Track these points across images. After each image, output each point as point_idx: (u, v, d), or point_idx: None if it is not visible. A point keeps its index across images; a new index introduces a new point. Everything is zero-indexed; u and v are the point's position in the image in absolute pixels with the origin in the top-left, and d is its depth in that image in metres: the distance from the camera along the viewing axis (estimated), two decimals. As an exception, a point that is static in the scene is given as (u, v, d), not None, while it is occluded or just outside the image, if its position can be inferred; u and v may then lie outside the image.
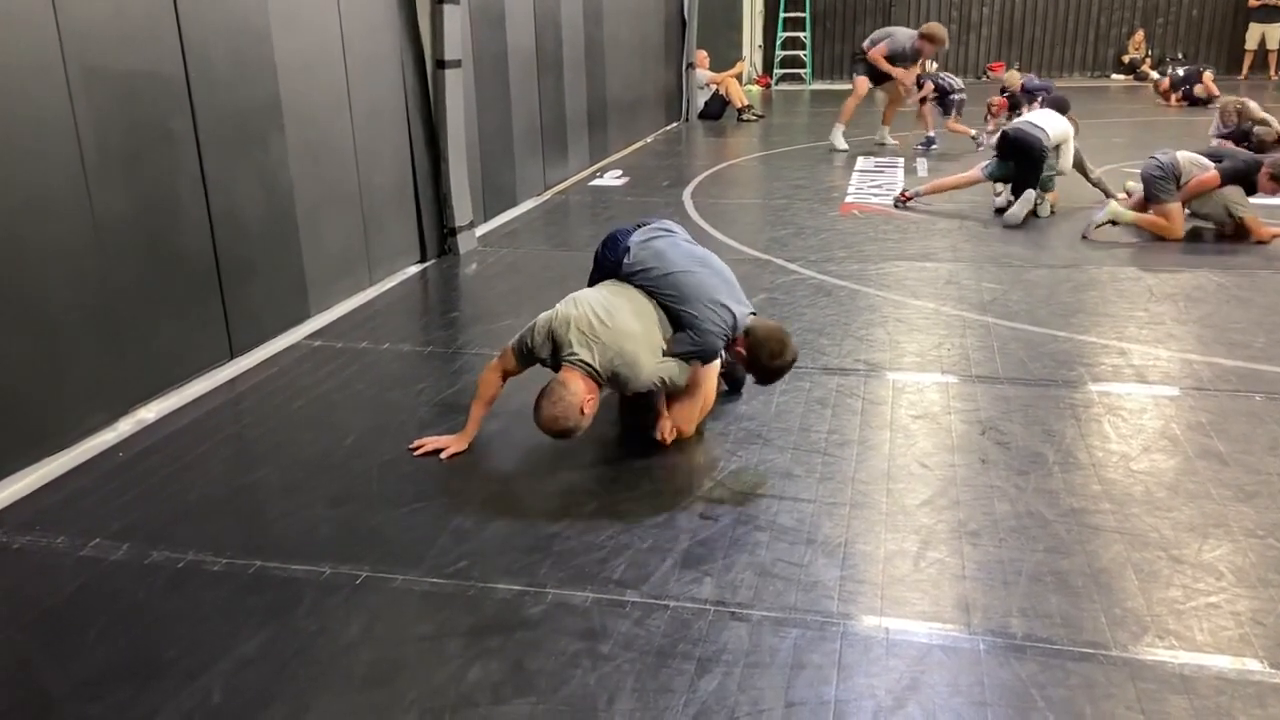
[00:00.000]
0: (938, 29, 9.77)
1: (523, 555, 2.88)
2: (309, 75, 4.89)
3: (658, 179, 8.88)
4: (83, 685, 2.36)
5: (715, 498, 3.21)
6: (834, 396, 3.97)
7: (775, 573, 2.76)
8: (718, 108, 13.22)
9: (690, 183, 8.61)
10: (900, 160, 9.49)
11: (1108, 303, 5.14)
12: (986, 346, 4.47)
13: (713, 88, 13.28)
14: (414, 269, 5.98)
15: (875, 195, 7.93)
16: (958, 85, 10.53)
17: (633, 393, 3.43)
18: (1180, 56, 15.97)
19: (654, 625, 2.54)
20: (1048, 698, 2.26)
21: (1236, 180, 6.21)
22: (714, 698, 2.27)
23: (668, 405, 3.55)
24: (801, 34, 17.79)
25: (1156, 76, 14.72)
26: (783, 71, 17.92)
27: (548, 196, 8.17)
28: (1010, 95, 10.56)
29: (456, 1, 5.95)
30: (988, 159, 7.39)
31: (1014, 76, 11.35)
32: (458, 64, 6.06)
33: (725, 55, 14.86)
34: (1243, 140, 9.41)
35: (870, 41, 9.98)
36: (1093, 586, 2.67)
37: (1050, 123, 7.11)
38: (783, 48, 17.81)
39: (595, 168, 9.43)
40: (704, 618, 2.57)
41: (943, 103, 10.39)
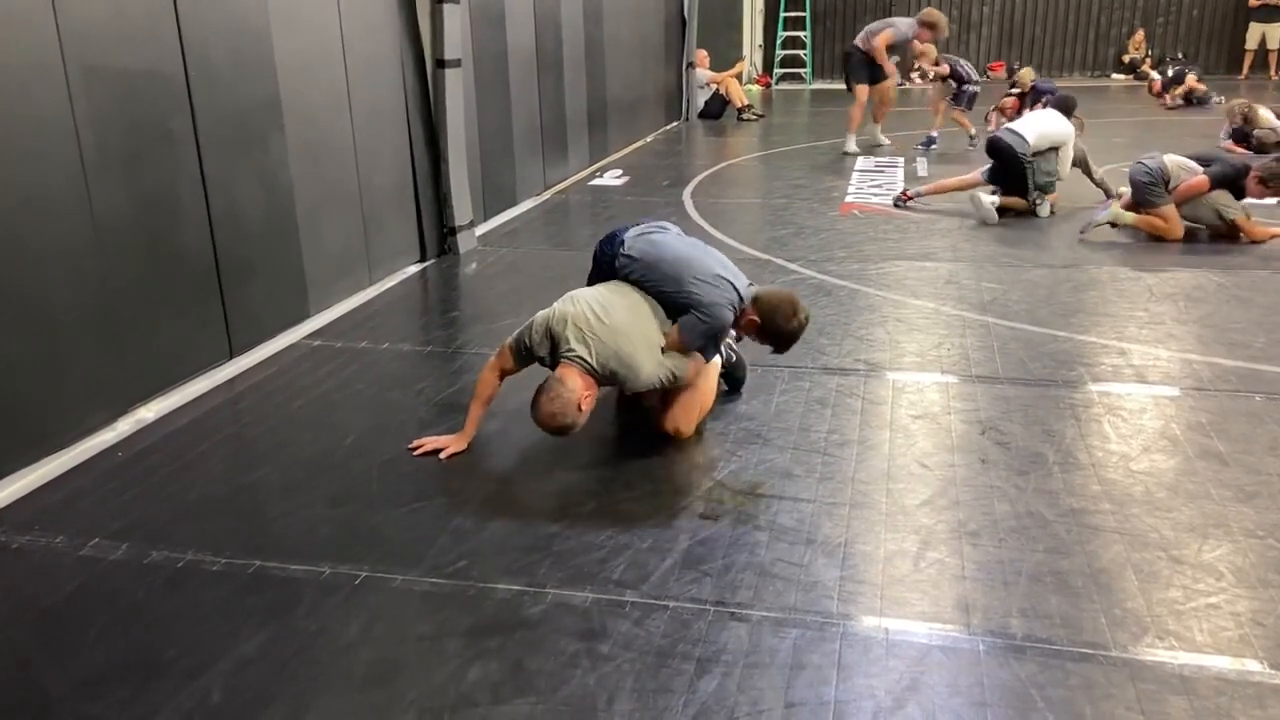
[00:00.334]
0: (939, 16, 9.55)
1: (522, 555, 2.88)
2: (309, 75, 4.89)
3: (658, 178, 8.88)
4: (82, 685, 2.37)
5: (715, 498, 3.21)
6: (834, 396, 3.96)
7: (775, 573, 2.76)
8: (718, 107, 13.22)
9: (690, 182, 8.61)
10: (900, 160, 9.48)
11: (1108, 302, 5.14)
12: (986, 346, 4.47)
13: (713, 87, 13.28)
14: (414, 268, 5.98)
15: (875, 195, 7.92)
16: (975, 76, 10.39)
17: (632, 391, 3.43)
18: (1181, 56, 15.97)
19: (653, 625, 2.54)
20: (1047, 698, 2.26)
21: (1225, 185, 6.21)
22: (713, 698, 2.27)
23: (666, 405, 3.55)
24: (802, 33, 17.79)
25: (1155, 76, 14.71)
26: (783, 71, 17.92)
27: (548, 196, 8.17)
28: (1022, 94, 10.49)
29: (456, 1, 5.95)
30: (988, 160, 7.36)
31: (1028, 75, 11.23)
32: (458, 64, 6.06)
33: (725, 55, 14.86)
34: (1243, 141, 9.44)
35: (867, 34, 9.68)
36: (1093, 587, 2.67)
37: (1036, 127, 7.04)
38: (783, 47, 17.81)
39: (595, 167, 9.43)
40: (704, 618, 2.57)
41: (957, 94, 10.28)
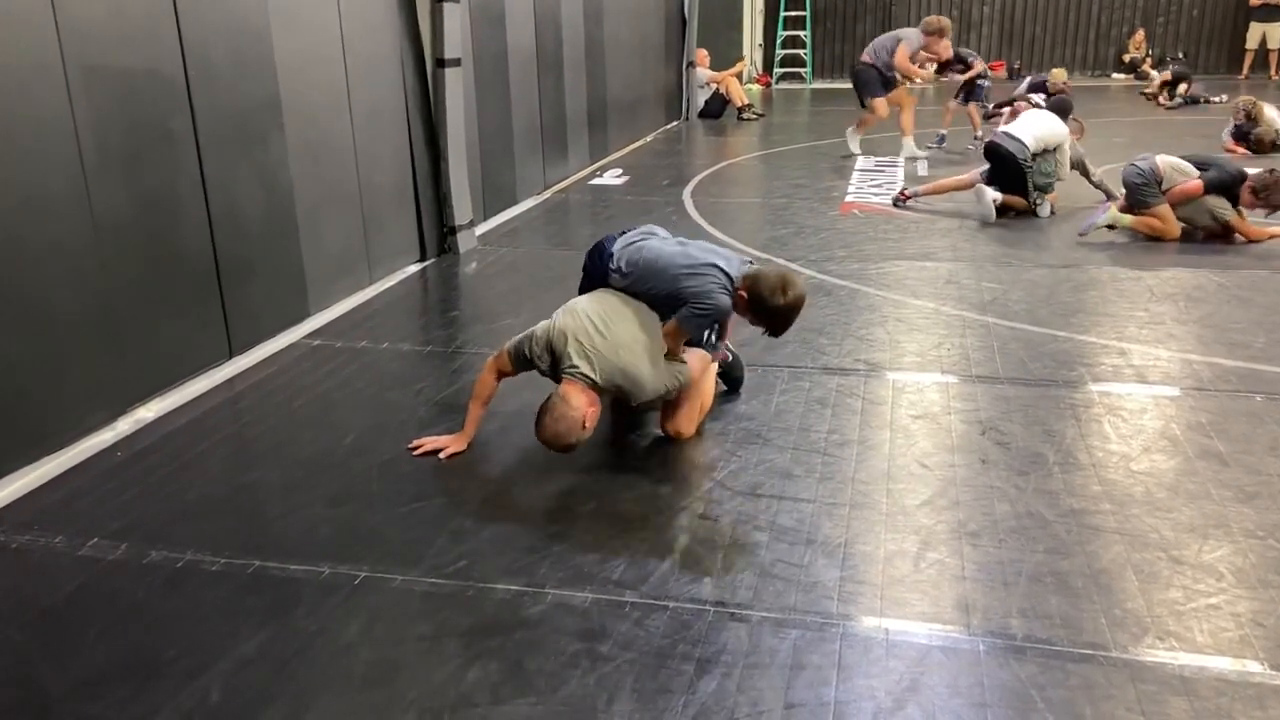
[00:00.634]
0: (945, 22, 9.35)
1: (522, 555, 2.88)
2: (309, 74, 4.89)
3: (658, 178, 8.88)
4: (82, 685, 2.36)
5: (715, 498, 3.21)
6: (834, 396, 3.96)
7: (775, 573, 2.76)
8: (718, 107, 13.22)
9: (690, 182, 8.60)
10: (900, 159, 9.48)
11: (1108, 302, 5.14)
12: (986, 346, 4.47)
13: (713, 87, 13.28)
14: (414, 268, 5.98)
15: (875, 194, 7.92)
16: (979, 66, 10.38)
17: (638, 403, 3.42)
18: (1181, 56, 15.96)
19: (653, 626, 2.54)
20: (1048, 699, 2.25)
21: (1219, 191, 6.20)
22: (713, 698, 2.27)
23: (666, 406, 3.54)
24: (802, 33, 17.79)
25: (1156, 75, 14.69)
26: (783, 70, 17.92)
27: (547, 195, 8.16)
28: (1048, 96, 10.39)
29: (456, 0, 5.94)
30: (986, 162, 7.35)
31: (1059, 75, 11.08)
32: (458, 63, 6.05)
33: (725, 54, 14.86)
34: (1243, 140, 9.44)
35: (880, 51, 9.18)
36: (1093, 587, 2.66)
37: (1033, 130, 7.03)
38: (783, 46, 17.81)
39: (595, 167, 9.42)
40: (703, 618, 2.56)
41: (971, 89, 10.27)
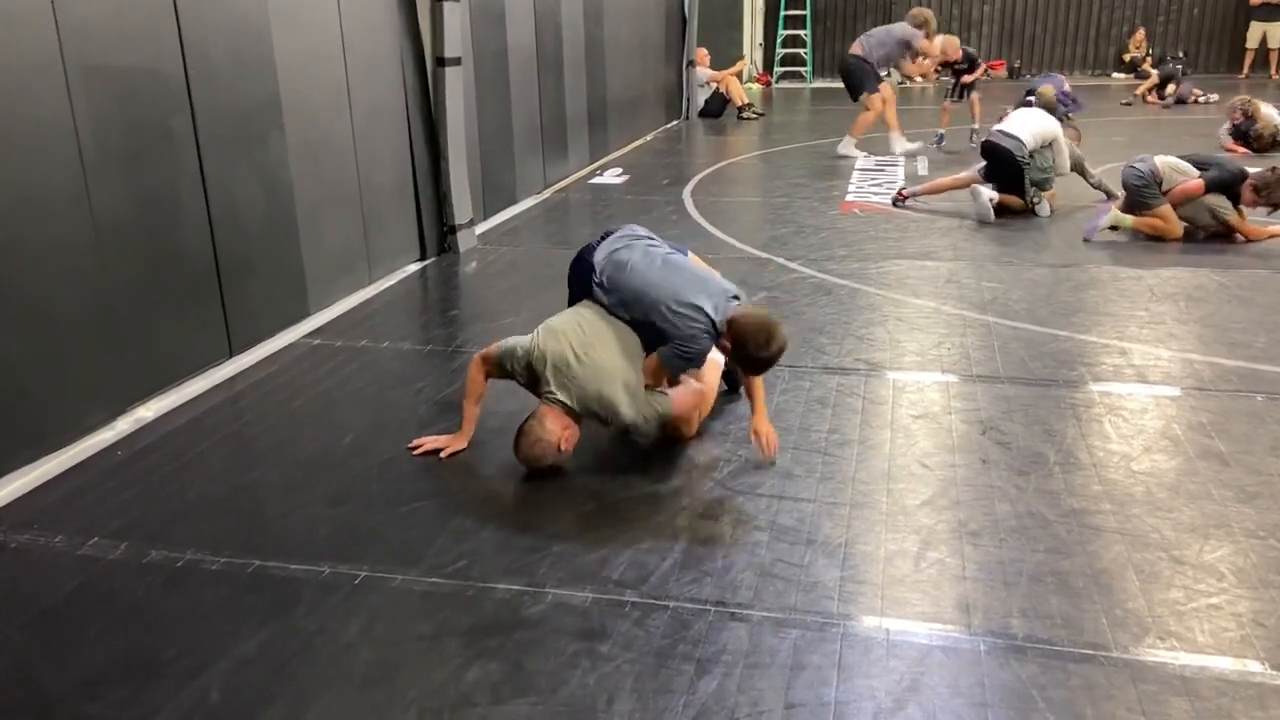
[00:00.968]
0: (927, 14, 9.54)
1: (522, 555, 2.88)
2: (309, 73, 4.89)
3: (658, 177, 8.88)
4: (81, 684, 2.36)
5: (715, 498, 3.20)
6: (834, 396, 3.96)
7: (775, 573, 2.76)
8: (718, 106, 13.22)
9: (690, 181, 8.60)
10: (900, 159, 9.48)
11: (1108, 302, 5.13)
12: (987, 346, 4.47)
13: (713, 86, 13.27)
14: (414, 267, 5.98)
15: (875, 194, 7.92)
16: (981, 63, 10.47)
17: (618, 430, 3.35)
18: (1181, 55, 15.96)
19: (653, 625, 2.53)
20: (1048, 699, 2.25)
21: (1220, 190, 6.19)
22: (713, 698, 2.27)
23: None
24: (802, 32, 17.78)
25: (1154, 73, 14.70)
26: (783, 69, 17.91)
27: (548, 195, 8.16)
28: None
29: (456, -1, 5.95)
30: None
31: (1048, 93, 10.94)
32: (458, 62, 6.05)
33: (726, 53, 14.86)
34: (1243, 139, 9.43)
35: (870, 47, 9.43)
36: (1094, 587, 2.66)
37: (1029, 127, 7.04)
38: (783, 46, 17.80)
39: (595, 166, 9.42)
40: (704, 618, 2.56)
41: (965, 88, 10.28)
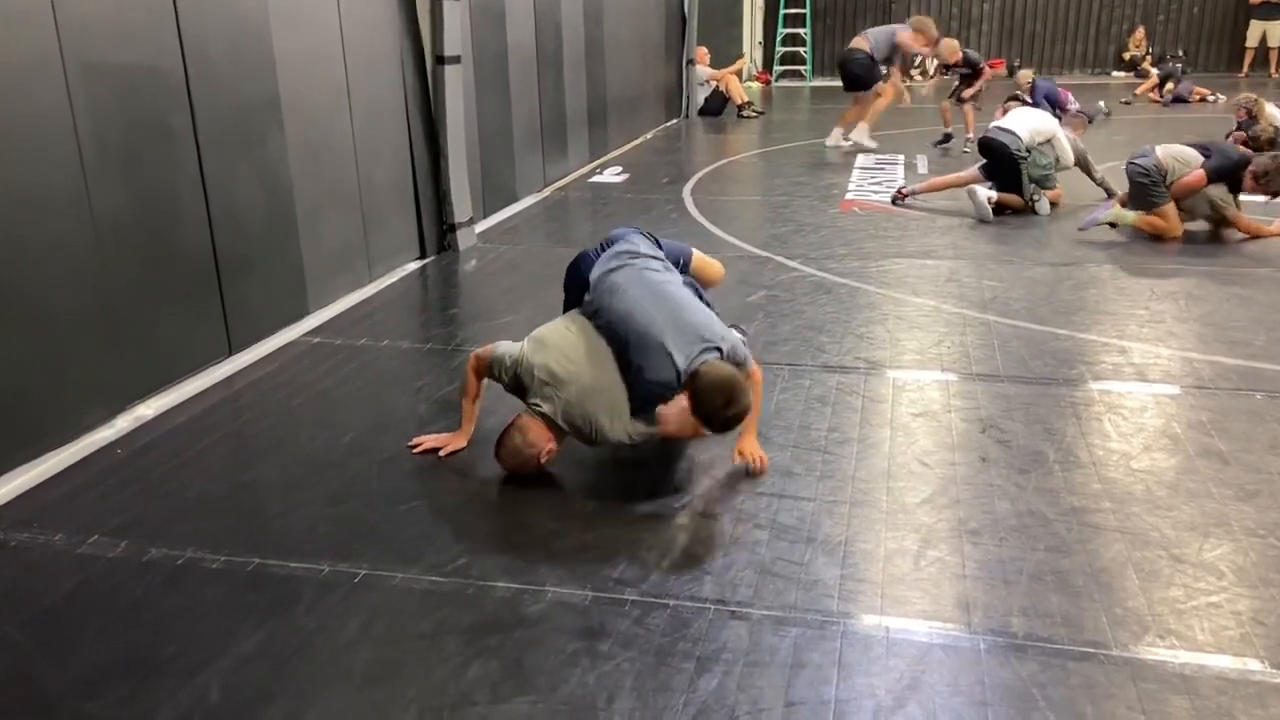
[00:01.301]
0: (927, 23, 9.71)
1: (521, 553, 2.87)
2: (308, 71, 4.88)
3: (658, 175, 8.87)
4: (81, 683, 2.36)
5: (715, 496, 3.20)
6: (834, 394, 3.96)
7: (775, 571, 2.76)
8: (718, 104, 13.21)
9: (690, 179, 8.60)
10: (900, 157, 9.48)
11: (1108, 301, 5.13)
12: (987, 344, 4.47)
13: (713, 84, 13.27)
14: (413, 265, 5.97)
15: (875, 192, 7.91)
16: (984, 65, 10.34)
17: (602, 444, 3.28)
18: (1181, 54, 15.97)
19: (653, 624, 2.53)
20: (1048, 697, 2.25)
21: (1222, 178, 6.16)
22: (713, 697, 2.27)
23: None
24: (802, 30, 17.78)
25: (1155, 72, 14.72)
26: (783, 68, 17.91)
27: (547, 193, 8.16)
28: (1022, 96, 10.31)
29: (456, -3, 5.94)
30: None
31: (1026, 76, 10.87)
32: (457, 60, 6.04)
33: (725, 52, 14.87)
34: (1246, 138, 9.40)
35: (876, 43, 9.62)
36: (1093, 586, 2.66)
37: (1026, 123, 7.06)
38: (783, 44, 17.80)
39: (595, 164, 9.42)
40: (703, 616, 2.56)
41: (964, 88, 10.20)
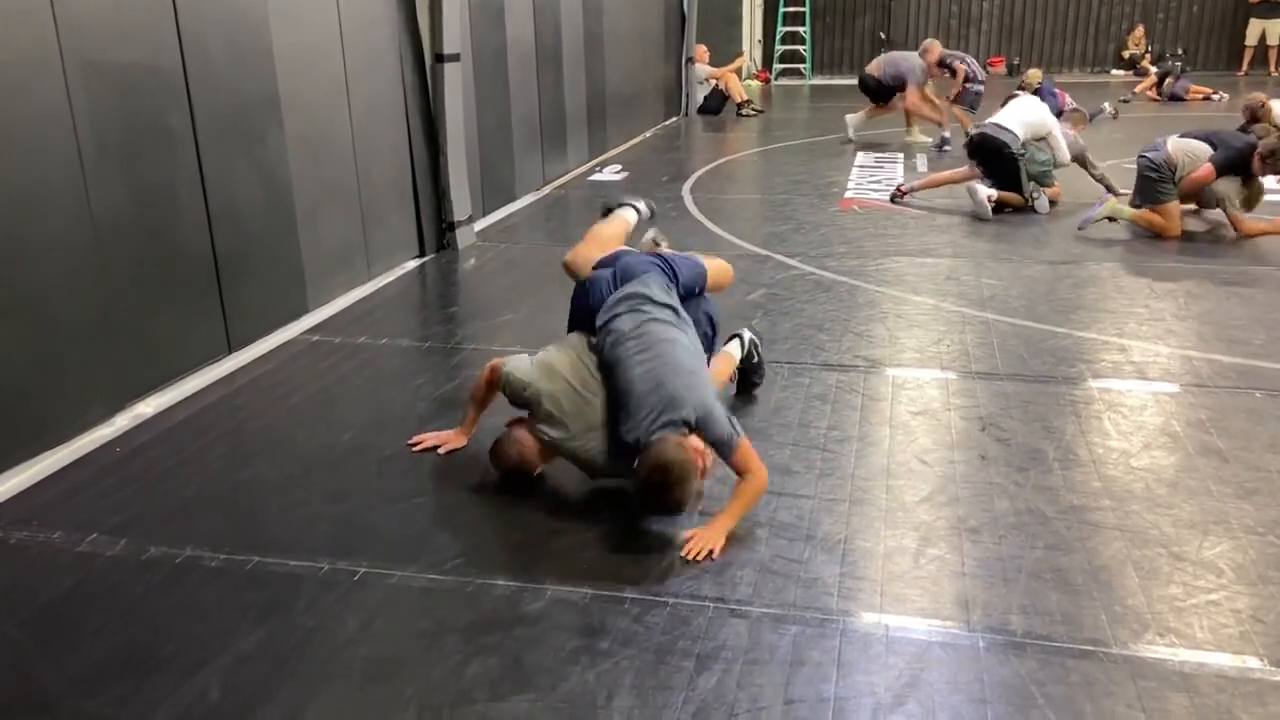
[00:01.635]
0: (933, 45, 10.16)
1: (521, 551, 2.87)
2: (307, 70, 4.88)
3: (657, 174, 8.87)
4: (80, 681, 2.36)
5: (714, 494, 3.19)
6: (833, 392, 3.96)
7: (774, 569, 2.76)
8: (717, 103, 13.21)
9: (689, 178, 8.59)
10: (900, 155, 9.48)
11: (1108, 299, 5.13)
12: (986, 342, 4.47)
13: (712, 83, 13.26)
14: (412, 264, 5.97)
15: (875, 190, 7.91)
16: (980, 75, 10.30)
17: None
18: (1181, 52, 15.96)
19: (653, 622, 2.53)
20: (1048, 695, 2.25)
21: (1231, 168, 6.15)
22: (713, 694, 2.27)
23: None
24: (801, 29, 17.77)
25: (1155, 71, 14.72)
26: (782, 66, 17.89)
27: (546, 191, 8.15)
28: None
29: (455, -5, 5.94)
30: None
31: (1035, 76, 10.69)
32: (456, 58, 6.04)
33: (725, 50, 14.86)
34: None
35: (891, 74, 10.02)
36: (1093, 584, 2.66)
37: (1021, 118, 7.05)
38: (782, 42, 17.79)
39: (594, 163, 9.41)
40: (703, 614, 2.56)
41: (962, 92, 10.20)
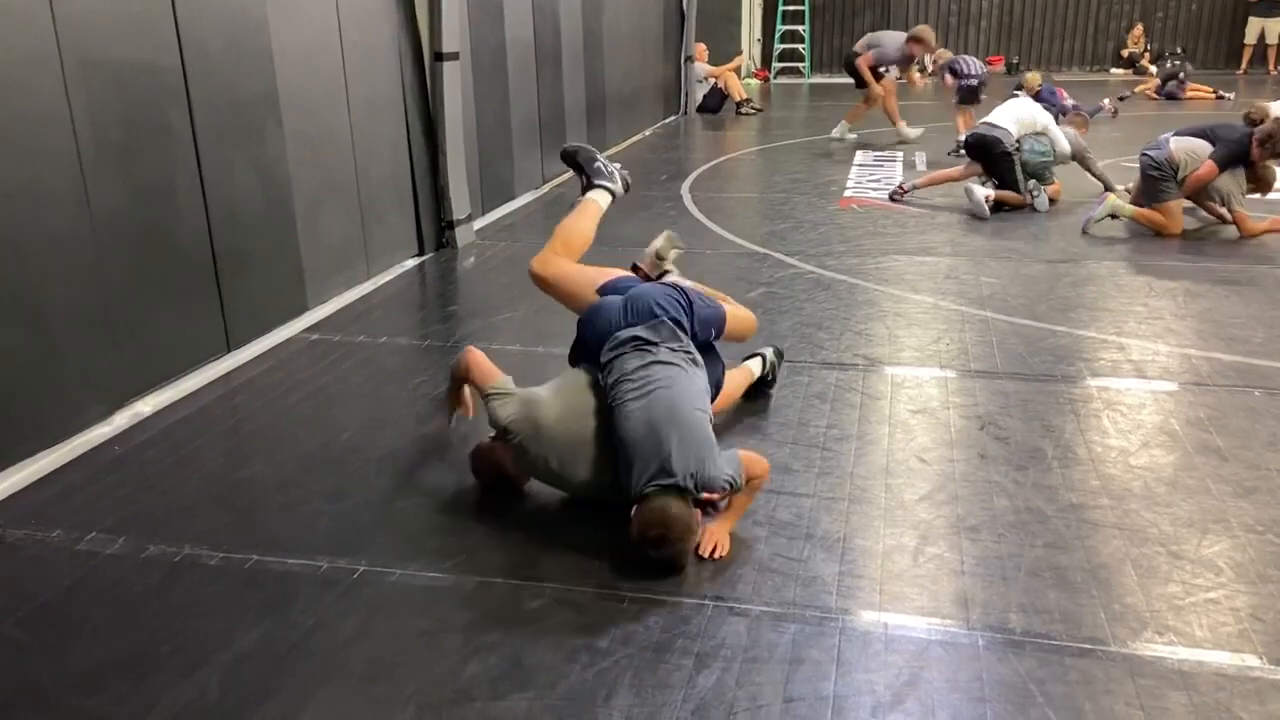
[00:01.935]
0: (925, 31, 10.07)
1: (520, 550, 2.87)
2: (306, 67, 4.87)
3: (656, 172, 8.86)
4: (79, 679, 2.36)
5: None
6: (832, 391, 3.96)
7: (774, 568, 2.76)
8: (716, 101, 13.21)
9: (689, 176, 8.59)
10: (899, 154, 9.48)
11: (1107, 297, 5.13)
12: (985, 341, 4.47)
13: (711, 81, 13.27)
14: (411, 262, 5.97)
15: (874, 189, 7.91)
16: (974, 71, 9.78)
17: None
18: (1180, 51, 15.97)
19: (652, 620, 2.53)
20: (1047, 694, 2.25)
21: (1232, 162, 6.14)
22: (712, 693, 2.27)
23: None
24: (800, 27, 17.77)
25: (1154, 70, 14.75)
26: (781, 65, 17.90)
27: (546, 190, 8.15)
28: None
29: (454, -7, 5.93)
30: None
31: (1035, 79, 10.49)
32: (456, 56, 6.03)
33: (724, 48, 14.87)
34: None
35: (865, 45, 10.26)
36: (1092, 582, 2.66)
37: (1013, 115, 7.07)
38: (782, 41, 17.79)
39: (594, 161, 9.39)
40: (702, 613, 2.56)
41: (961, 90, 9.84)
